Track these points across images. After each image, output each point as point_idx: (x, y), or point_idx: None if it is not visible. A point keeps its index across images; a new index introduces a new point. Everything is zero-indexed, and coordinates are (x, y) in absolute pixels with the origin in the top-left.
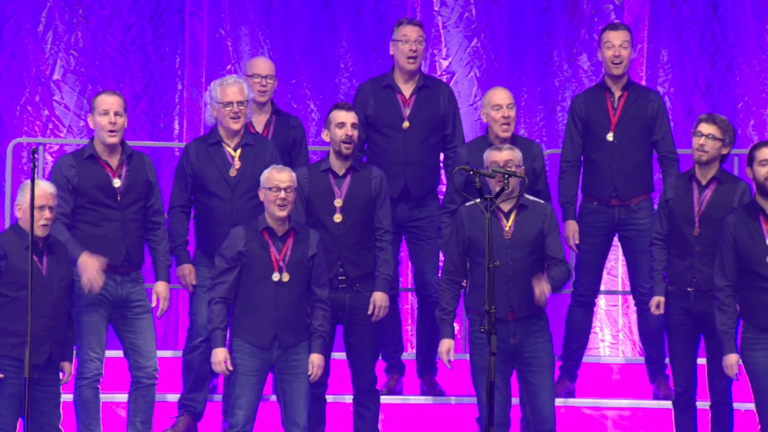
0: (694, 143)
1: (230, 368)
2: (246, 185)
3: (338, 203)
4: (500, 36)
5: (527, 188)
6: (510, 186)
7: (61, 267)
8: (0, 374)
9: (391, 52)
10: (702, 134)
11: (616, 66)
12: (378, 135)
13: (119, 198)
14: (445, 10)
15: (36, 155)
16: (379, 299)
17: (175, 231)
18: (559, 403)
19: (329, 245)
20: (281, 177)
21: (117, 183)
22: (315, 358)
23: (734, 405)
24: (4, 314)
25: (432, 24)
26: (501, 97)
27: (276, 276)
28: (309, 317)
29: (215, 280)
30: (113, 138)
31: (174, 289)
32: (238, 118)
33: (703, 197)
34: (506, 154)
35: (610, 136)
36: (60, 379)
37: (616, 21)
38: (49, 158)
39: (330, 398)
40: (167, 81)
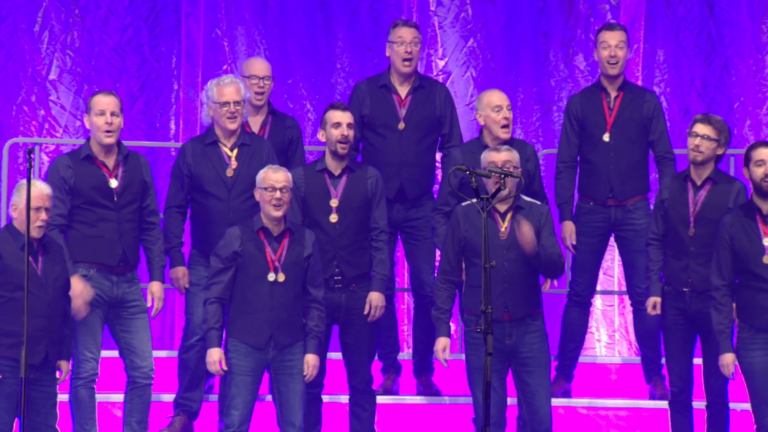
0: (690, 144)
1: (225, 368)
2: (242, 185)
3: (334, 203)
4: (496, 36)
5: (524, 190)
6: (507, 186)
7: (56, 266)
8: None
9: (387, 54)
10: (697, 135)
11: (612, 66)
12: (374, 135)
13: (116, 198)
14: (442, 10)
15: (32, 155)
16: (375, 299)
17: (170, 232)
18: (556, 403)
19: (325, 245)
20: (277, 177)
21: (114, 183)
22: (310, 358)
23: (730, 405)
24: (0, 315)
25: (428, 24)
26: (500, 99)
27: (271, 276)
28: (304, 317)
29: (210, 280)
30: (110, 138)
31: (169, 289)
32: (235, 118)
33: (698, 197)
34: (504, 155)
35: (606, 137)
36: (57, 379)
37: (612, 21)
38: (45, 158)
39: (326, 398)
40: (163, 81)
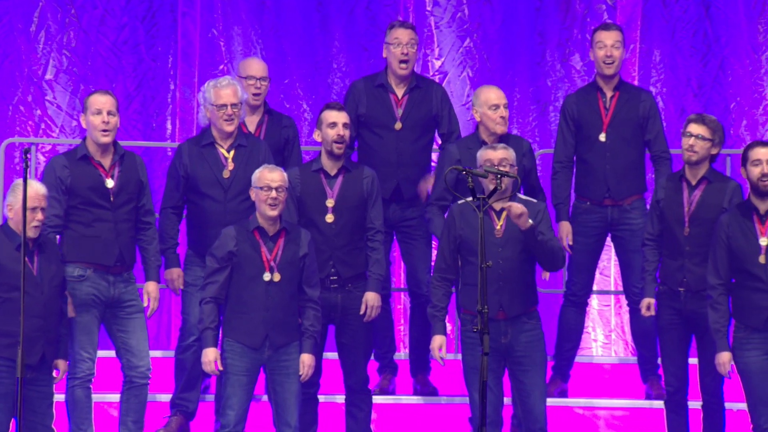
0: (684, 143)
1: (220, 368)
2: (239, 186)
3: (330, 203)
4: (493, 36)
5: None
6: (503, 185)
7: (52, 266)
8: None
9: (384, 55)
10: (691, 135)
11: (608, 66)
12: (370, 135)
13: (112, 198)
14: (438, 10)
15: (28, 155)
16: (372, 299)
17: (166, 233)
18: (552, 403)
19: (321, 245)
20: (272, 176)
21: (110, 183)
22: (306, 358)
23: (726, 405)
24: None
25: (425, 24)
26: (497, 96)
27: (267, 276)
28: (300, 317)
29: (206, 280)
30: (106, 138)
31: (164, 289)
32: (232, 121)
33: (693, 197)
34: (500, 153)
35: (603, 137)
36: (53, 378)
37: (609, 21)
38: (42, 158)
39: (322, 398)
40: (160, 81)
